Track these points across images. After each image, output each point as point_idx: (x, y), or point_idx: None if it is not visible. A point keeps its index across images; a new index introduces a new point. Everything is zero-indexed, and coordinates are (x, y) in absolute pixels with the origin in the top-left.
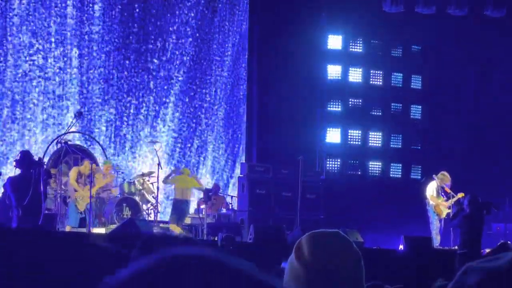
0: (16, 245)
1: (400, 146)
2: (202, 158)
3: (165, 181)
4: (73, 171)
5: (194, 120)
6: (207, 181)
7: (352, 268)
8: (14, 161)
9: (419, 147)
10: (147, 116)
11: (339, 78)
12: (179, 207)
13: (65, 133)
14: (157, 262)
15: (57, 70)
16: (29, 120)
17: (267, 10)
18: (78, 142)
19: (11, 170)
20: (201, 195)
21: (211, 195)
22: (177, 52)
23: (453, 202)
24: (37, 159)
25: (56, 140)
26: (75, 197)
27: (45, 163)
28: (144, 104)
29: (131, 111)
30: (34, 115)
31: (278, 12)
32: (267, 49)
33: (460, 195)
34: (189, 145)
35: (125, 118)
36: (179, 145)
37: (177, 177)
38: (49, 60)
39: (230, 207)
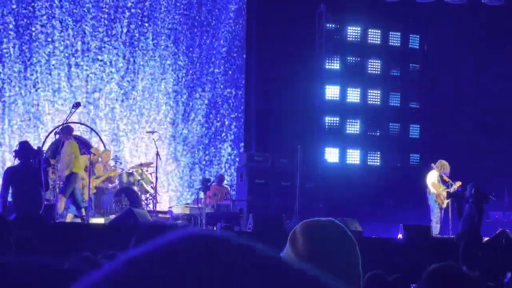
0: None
1: (398, 135)
2: (201, 148)
3: None
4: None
5: (192, 109)
6: (204, 171)
7: (347, 255)
8: (14, 151)
9: (418, 136)
10: (145, 106)
11: (337, 69)
12: None
13: (63, 124)
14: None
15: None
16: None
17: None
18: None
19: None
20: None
21: (210, 185)
22: (172, 45)
23: (451, 191)
24: (36, 148)
25: (54, 131)
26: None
27: (44, 152)
28: (142, 95)
29: (130, 101)
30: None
31: (276, 7)
32: (266, 37)
33: (458, 183)
34: (187, 133)
35: (122, 109)
36: (177, 135)
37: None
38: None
39: (230, 197)
